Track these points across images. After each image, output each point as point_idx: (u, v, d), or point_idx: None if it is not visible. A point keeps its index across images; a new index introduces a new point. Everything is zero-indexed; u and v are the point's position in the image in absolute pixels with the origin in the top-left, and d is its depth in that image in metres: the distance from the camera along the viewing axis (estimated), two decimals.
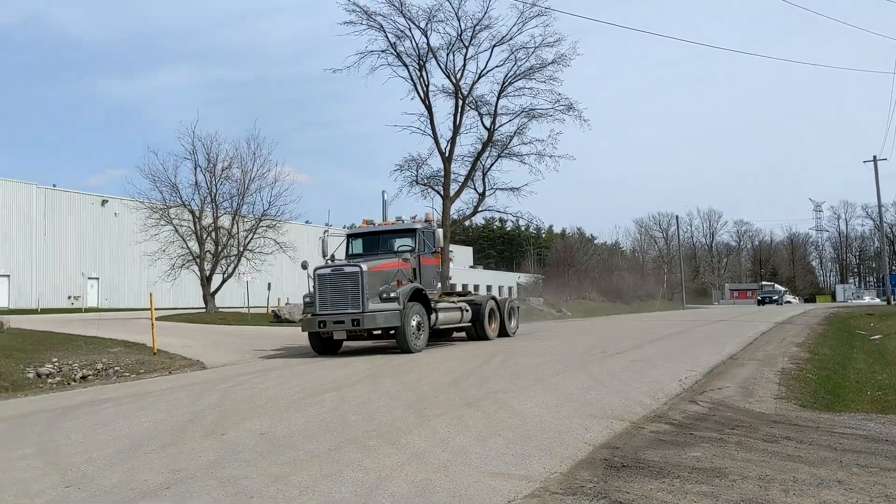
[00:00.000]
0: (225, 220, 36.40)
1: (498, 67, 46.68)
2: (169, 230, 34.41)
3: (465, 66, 48.27)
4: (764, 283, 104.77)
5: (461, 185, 49.24)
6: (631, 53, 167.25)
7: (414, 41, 44.81)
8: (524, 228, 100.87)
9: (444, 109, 78.34)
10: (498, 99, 48.95)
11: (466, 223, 68.99)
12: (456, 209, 49.11)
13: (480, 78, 46.61)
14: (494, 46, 44.62)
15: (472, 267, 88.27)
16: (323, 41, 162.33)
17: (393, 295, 15.13)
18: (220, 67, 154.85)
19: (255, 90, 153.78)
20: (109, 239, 53.79)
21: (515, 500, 4.43)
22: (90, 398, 10.02)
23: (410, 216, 18.65)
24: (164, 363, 14.60)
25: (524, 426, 6.75)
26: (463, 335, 19.39)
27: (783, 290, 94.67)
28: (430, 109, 48.97)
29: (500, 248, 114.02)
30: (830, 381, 10.59)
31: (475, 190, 48.47)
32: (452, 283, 55.00)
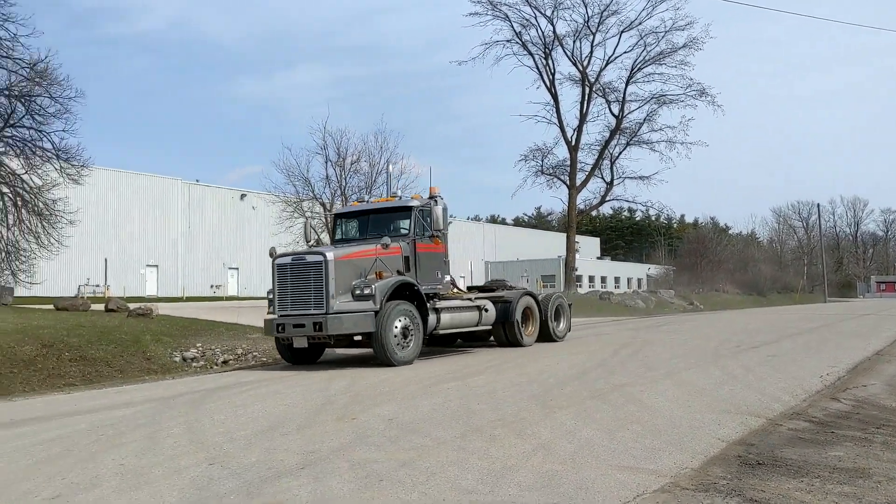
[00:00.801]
0: None
1: (626, 53, 45.49)
2: (302, 222, 35.76)
3: (591, 52, 47.18)
4: None
5: (588, 174, 48.25)
6: (767, 35, 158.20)
7: (539, 29, 44.45)
8: (654, 218, 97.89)
9: (569, 98, 77.29)
10: (626, 85, 47.46)
11: (593, 213, 67.96)
12: (583, 199, 48.38)
13: (608, 64, 45.59)
14: (623, 32, 43.60)
15: (598, 258, 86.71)
16: (447, 33, 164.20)
17: (367, 291, 11.75)
18: (347, 64, 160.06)
19: (381, 84, 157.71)
20: (248, 231, 56.60)
21: (644, 494, 4.32)
22: (231, 381, 10.63)
23: (415, 193, 15.85)
24: None
25: (653, 420, 6.61)
26: (492, 340, 15.74)
27: None
28: (555, 98, 48.11)
29: (628, 238, 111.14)
30: None
31: (602, 179, 47.51)
32: (578, 273, 54.28)
